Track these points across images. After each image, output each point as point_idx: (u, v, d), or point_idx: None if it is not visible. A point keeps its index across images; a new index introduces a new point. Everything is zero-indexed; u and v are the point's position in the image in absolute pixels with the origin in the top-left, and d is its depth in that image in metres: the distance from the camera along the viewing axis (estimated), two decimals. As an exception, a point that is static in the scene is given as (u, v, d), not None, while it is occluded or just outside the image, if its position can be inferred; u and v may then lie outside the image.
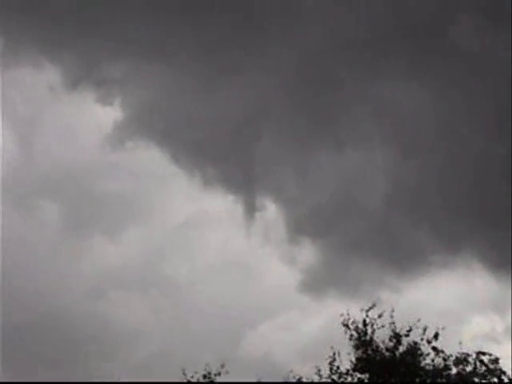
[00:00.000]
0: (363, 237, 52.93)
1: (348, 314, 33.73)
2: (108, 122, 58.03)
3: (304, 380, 33.16)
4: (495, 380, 32.39)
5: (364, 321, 33.53)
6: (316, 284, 51.79)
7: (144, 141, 58.62)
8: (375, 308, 33.66)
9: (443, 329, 32.99)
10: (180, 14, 55.31)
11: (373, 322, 33.50)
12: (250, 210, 55.84)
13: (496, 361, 32.58)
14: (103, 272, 53.56)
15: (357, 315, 33.78)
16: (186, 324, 51.35)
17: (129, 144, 58.44)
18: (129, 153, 58.50)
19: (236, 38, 55.43)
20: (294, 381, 33.17)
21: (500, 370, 32.47)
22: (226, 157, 57.75)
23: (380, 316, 33.40)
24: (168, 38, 55.75)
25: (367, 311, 33.54)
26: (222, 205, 57.68)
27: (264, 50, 55.62)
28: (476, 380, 32.37)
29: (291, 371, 33.45)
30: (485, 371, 32.49)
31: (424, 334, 32.96)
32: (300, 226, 54.87)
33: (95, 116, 60.01)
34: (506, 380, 32.36)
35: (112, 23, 55.96)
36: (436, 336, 32.90)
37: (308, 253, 53.59)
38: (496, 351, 33.32)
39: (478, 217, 51.49)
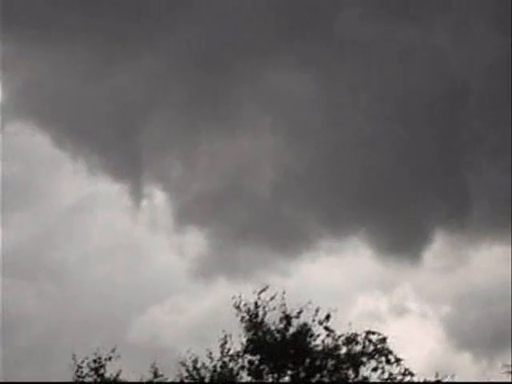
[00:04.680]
0: (252, 223, 53.56)
1: (240, 297, 34.10)
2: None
3: (200, 361, 33.40)
4: (382, 359, 33.33)
5: (255, 303, 33.91)
6: (205, 270, 52.04)
7: (27, 124, 57.74)
8: (267, 291, 34.11)
9: (335, 311, 33.80)
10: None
11: (264, 304, 33.91)
12: (137, 197, 55.62)
13: (383, 340, 33.52)
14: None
15: (249, 298, 34.20)
16: (74, 308, 50.96)
17: (11, 127, 57.47)
18: (11, 136, 57.46)
19: (127, 21, 54.95)
20: (191, 361, 33.35)
21: (387, 349, 33.44)
22: (113, 142, 57.34)
23: (272, 298, 33.81)
24: (55, 17, 54.94)
25: (259, 293, 33.93)
26: (108, 191, 57.40)
27: (154, 35, 55.39)
28: (364, 359, 33.23)
29: (188, 351, 33.70)
30: (373, 351, 33.39)
31: (316, 315, 33.60)
32: (188, 214, 55.04)
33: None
34: (392, 359, 33.36)
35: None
36: (328, 317, 33.59)
37: (196, 240, 53.72)
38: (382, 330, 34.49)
39: (365, 203, 52.80)
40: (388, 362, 33.31)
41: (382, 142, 52.72)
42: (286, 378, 33.39)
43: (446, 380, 33.15)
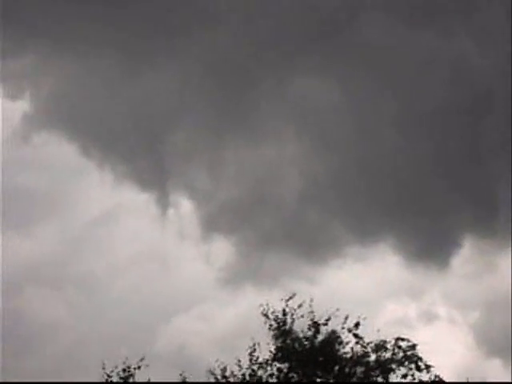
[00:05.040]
0: (279, 231, 53.48)
1: (267, 304, 33.99)
2: (17, 115, 57.22)
3: (228, 369, 33.33)
4: (412, 366, 33.11)
5: (283, 310, 33.81)
6: (232, 278, 51.97)
7: (54, 134, 58.07)
8: (294, 298, 33.98)
9: (364, 319, 33.60)
10: (92, 3, 54.72)
11: (292, 311, 33.80)
12: (164, 205, 55.69)
13: (413, 347, 33.30)
14: (17, 267, 52.67)
15: (276, 306, 34.09)
16: (102, 318, 51.09)
17: (38, 137, 57.86)
18: (38, 146, 57.89)
19: (151, 31, 55.22)
20: (220, 370, 33.30)
21: (417, 356, 33.21)
22: (139, 151, 57.45)
23: (300, 306, 33.68)
24: (80, 28, 55.15)
25: (287, 301, 33.82)
26: (135, 200, 57.52)
27: (179, 44, 55.60)
28: (394, 366, 33.03)
29: (217, 360, 33.61)
30: (402, 357, 33.18)
31: (345, 322, 33.44)
32: (215, 222, 55.02)
33: (3, 110, 58.85)
34: (422, 366, 33.12)
35: (19, 14, 54.88)
36: (357, 325, 33.41)
37: (224, 248, 53.74)
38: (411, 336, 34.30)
39: (392, 210, 52.66)
40: (418, 368, 33.11)
41: (409, 149, 52.63)
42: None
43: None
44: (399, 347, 33.20)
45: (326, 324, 33.60)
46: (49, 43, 57.24)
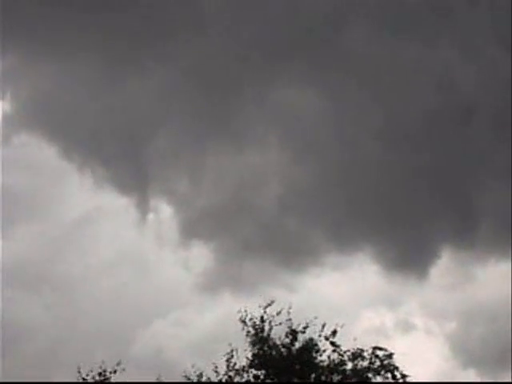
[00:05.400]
0: (258, 238, 53.44)
1: (246, 311, 34.03)
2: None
3: (204, 375, 33.30)
4: (388, 375, 33.22)
5: (261, 317, 33.84)
6: (211, 284, 51.94)
7: (34, 136, 57.85)
8: (273, 305, 34.01)
9: (342, 327, 33.70)
10: (75, 5, 54.58)
11: (270, 318, 33.83)
12: (143, 210, 55.57)
13: (390, 356, 33.43)
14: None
15: (254, 312, 34.12)
16: (79, 321, 50.77)
17: (18, 139, 57.62)
18: (18, 147, 57.61)
19: (134, 36, 55.20)
20: (196, 375, 33.25)
21: (393, 365, 33.32)
22: (120, 155, 57.27)
23: (278, 313, 33.74)
24: (61, 30, 55.14)
25: (265, 308, 33.86)
26: (115, 204, 57.35)
27: (163, 49, 55.56)
28: (370, 375, 33.12)
29: (193, 366, 33.59)
30: (379, 366, 33.28)
31: (322, 330, 33.51)
32: (194, 228, 54.95)
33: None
34: (398, 375, 33.25)
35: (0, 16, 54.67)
36: (334, 333, 33.48)
37: (202, 254, 53.70)
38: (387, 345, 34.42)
39: (371, 220, 52.80)
40: (394, 378, 33.23)
41: (390, 159, 52.80)
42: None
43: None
44: (376, 356, 33.34)
45: (303, 332, 33.68)
46: (31, 45, 57.18)
